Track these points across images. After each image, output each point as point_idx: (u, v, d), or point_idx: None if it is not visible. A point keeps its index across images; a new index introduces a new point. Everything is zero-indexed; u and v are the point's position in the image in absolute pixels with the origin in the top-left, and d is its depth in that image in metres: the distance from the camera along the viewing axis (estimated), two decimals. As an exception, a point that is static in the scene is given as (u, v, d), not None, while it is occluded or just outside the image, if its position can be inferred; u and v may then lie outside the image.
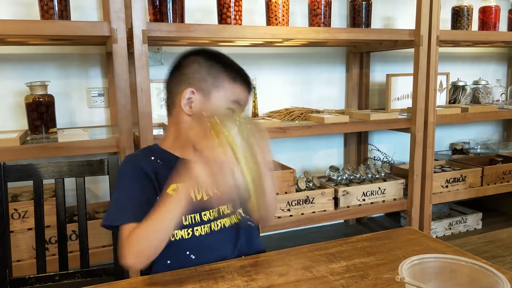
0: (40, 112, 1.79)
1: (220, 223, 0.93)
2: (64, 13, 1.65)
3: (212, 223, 0.92)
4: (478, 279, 0.65)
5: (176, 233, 0.89)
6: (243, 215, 0.97)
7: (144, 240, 0.79)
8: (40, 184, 1.10)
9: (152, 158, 0.94)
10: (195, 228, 0.90)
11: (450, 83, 2.67)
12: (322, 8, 2.07)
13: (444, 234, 2.50)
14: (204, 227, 0.91)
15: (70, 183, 1.18)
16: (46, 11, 1.63)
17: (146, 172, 0.90)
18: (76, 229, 1.66)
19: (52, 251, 1.61)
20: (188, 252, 0.90)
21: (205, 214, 0.91)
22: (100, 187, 2.15)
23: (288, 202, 2.05)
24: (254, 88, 2.26)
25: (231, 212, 0.95)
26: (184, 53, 0.99)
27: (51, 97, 1.82)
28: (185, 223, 0.89)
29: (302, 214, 2.07)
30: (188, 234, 0.90)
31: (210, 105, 0.93)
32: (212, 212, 0.92)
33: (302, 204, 2.07)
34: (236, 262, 0.87)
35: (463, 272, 0.66)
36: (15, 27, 1.52)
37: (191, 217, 0.90)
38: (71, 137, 1.66)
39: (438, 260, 0.67)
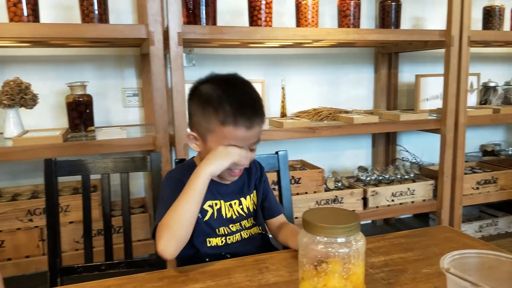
0: (80, 111, 1.87)
1: (247, 232, 1.03)
2: (104, 17, 1.73)
3: (242, 232, 1.02)
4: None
5: (211, 241, 0.98)
6: (261, 231, 1.06)
7: (172, 221, 0.84)
8: (88, 179, 1.17)
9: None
10: (227, 237, 1.00)
11: (481, 84, 2.64)
12: (352, 9, 2.09)
13: (474, 237, 2.47)
14: (235, 236, 1.01)
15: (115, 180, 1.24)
16: (86, 15, 1.70)
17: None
18: (115, 223, 1.73)
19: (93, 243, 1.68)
20: (223, 253, 0.98)
21: (232, 226, 1.01)
22: (134, 184, 2.22)
23: (316, 201, 2.07)
24: (283, 88, 2.30)
25: (252, 225, 1.04)
26: (191, 88, 0.99)
27: (89, 97, 1.90)
28: (218, 233, 0.99)
29: (331, 213, 2.09)
30: (222, 241, 0.99)
31: (208, 149, 0.93)
32: (236, 225, 1.01)
33: (331, 203, 2.09)
34: (278, 254, 0.91)
35: (502, 268, 0.68)
36: (59, 30, 1.60)
37: (223, 229, 0.99)
38: (110, 135, 1.73)
39: (479, 256, 0.69)
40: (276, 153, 1.25)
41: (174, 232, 0.83)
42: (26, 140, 1.61)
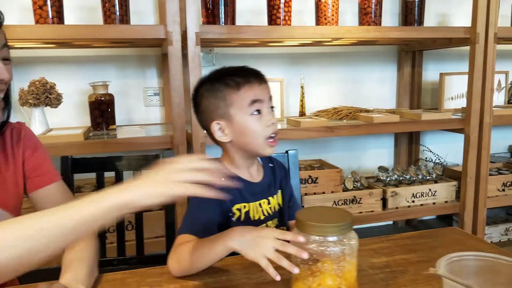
0: (102, 110, 1.92)
1: None
2: (125, 18, 1.77)
3: None
4: (520, 279, 0.65)
5: None
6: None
7: (187, 262, 0.81)
8: (102, 176, 1.20)
9: (222, 179, 0.97)
10: None
11: (509, 82, 2.54)
12: (373, 7, 2.06)
13: (500, 240, 2.40)
14: None
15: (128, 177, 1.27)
16: (108, 16, 1.75)
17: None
18: (131, 220, 1.78)
19: (109, 239, 1.73)
20: None
21: None
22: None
23: (334, 201, 2.05)
24: (302, 87, 2.29)
25: (275, 226, 1.03)
26: (192, 92, 1.01)
27: (111, 96, 1.95)
28: None
29: (349, 213, 2.07)
30: None
31: (237, 123, 0.93)
32: (262, 227, 0.99)
33: (349, 204, 2.07)
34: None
35: (503, 272, 0.66)
36: (82, 31, 1.66)
37: None
38: (129, 134, 1.77)
39: (478, 259, 0.67)
40: (286, 152, 1.25)
41: (182, 266, 0.82)
42: (49, 138, 1.67)
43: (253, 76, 0.95)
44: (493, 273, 0.66)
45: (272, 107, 0.96)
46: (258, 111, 0.93)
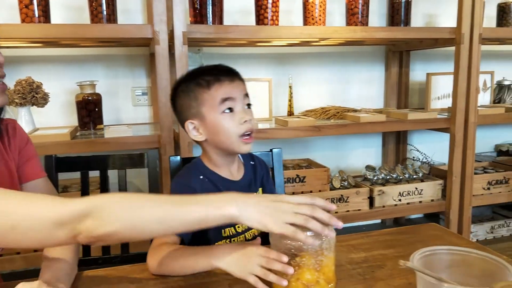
0: (89, 109, 1.92)
1: (252, 233, 1.02)
2: (112, 17, 1.77)
3: (246, 233, 1.01)
4: (492, 272, 0.66)
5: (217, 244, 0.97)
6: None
7: (167, 267, 0.82)
8: (86, 175, 1.20)
9: (201, 177, 0.98)
10: (232, 239, 0.99)
11: (495, 82, 2.58)
12: (360, 7, 2.08)
13: (485, 238, 2.43)
14: (239, 238, 1.00)
15: (115, 177, 1.27)
16: (95, 15, 1.75)
17: (196, 191, 0.94)
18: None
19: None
20: None
21: (238, 227, 0.99)
22: (143, 182, 2.27)
23: (322, 200, 2.07)
24: (290, 87, 2.30)
25: None
26: (170, 92, 1.03)
27: (99, 96, 1.95)
28: (224, 235, 0.98)
29: (336, 212, 2.09)
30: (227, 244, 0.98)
31: (210, 122, 0.94)
32: (242, 225, 1.00)
33: (336, 202, 2.09)
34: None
35: (476, 265, 0.67)
36: (68, 30, 1.66)
37: (229, 230, 0.99)
38: (116, 133, 1.77)
39: (451, 252, 0.69)
40: (271, 150, 1.26)
41: (162, 269, 0.83)
42: (36, 137, 1.67)
43: (224, 74, 0.94)
44: (465, 266, 0.68)
45: (248, 104, 0.97)
46: (230, 109, 0.93)
